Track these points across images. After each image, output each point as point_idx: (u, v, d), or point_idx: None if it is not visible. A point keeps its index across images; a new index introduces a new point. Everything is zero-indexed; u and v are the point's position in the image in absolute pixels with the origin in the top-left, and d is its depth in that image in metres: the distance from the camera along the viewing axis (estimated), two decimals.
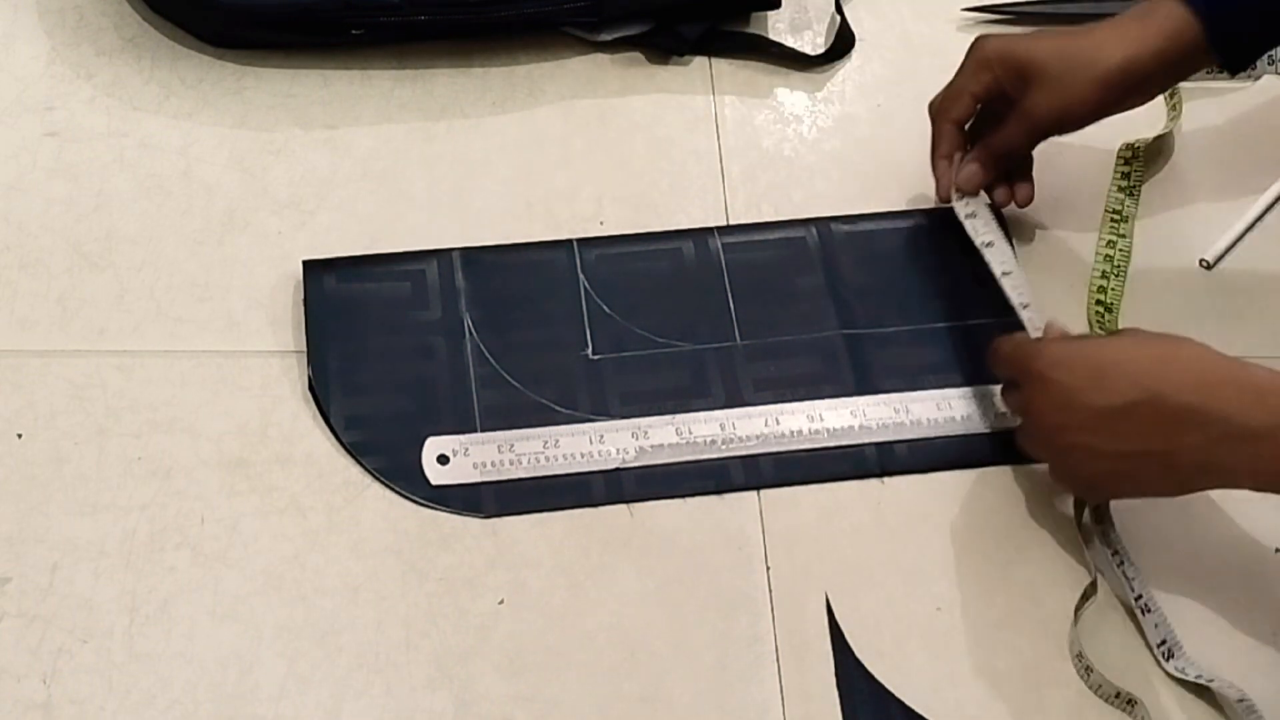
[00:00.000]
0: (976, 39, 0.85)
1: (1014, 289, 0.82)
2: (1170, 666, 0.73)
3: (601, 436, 0.79)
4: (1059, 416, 0.71)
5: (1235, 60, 0.80)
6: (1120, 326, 0.86)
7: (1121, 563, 0.76)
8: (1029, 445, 0.76)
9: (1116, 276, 0.88)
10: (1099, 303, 0.87)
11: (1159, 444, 0.68)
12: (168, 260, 0.85)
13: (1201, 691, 0.73)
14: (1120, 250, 0.89)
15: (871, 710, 0.72)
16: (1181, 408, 0.67)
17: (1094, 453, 0.71)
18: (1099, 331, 0.86)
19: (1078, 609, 0.75)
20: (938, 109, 0.87)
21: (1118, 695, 0.72)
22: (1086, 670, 0.73)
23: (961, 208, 0.86)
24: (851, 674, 0.73)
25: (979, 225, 0.85)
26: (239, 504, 0.76)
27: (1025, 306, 0.81)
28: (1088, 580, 0.76)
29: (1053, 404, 0.72)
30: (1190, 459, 0.68)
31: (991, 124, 0.86)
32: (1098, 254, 0.89)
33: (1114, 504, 0.78)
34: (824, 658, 0.74)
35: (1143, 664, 0.75)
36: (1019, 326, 0.86)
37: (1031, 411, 0.74)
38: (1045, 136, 0.85)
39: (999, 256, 0.84)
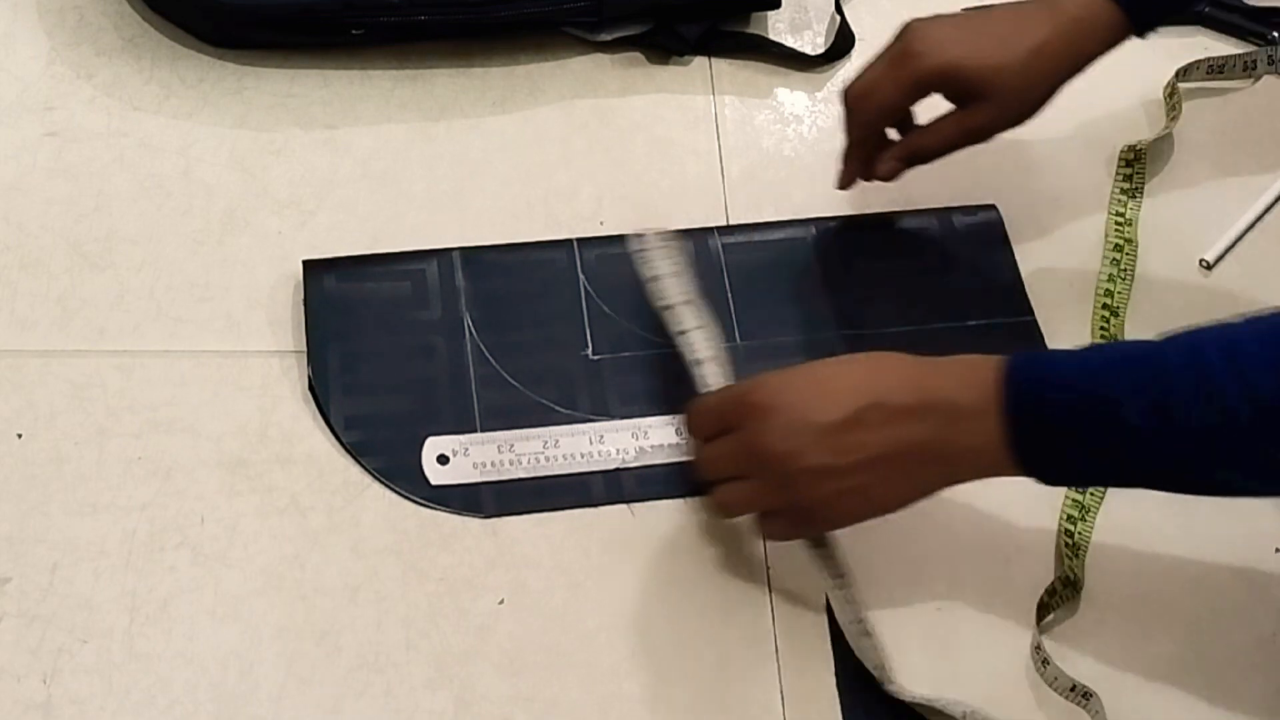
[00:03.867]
0: (908, 32, 0.80)
1: (700, 343, 0.78)
2: (890, 690, 0.72)
3: (601, 436, 0.79)
4: (790, 442, 0.68)
5: (1146, 30, 0.80)
6: (1125, 330, 0.86)
7: (844, 586, 0.73)
8: (752, 495, 0.71)
9: (1123, 280, 0.88)
10: (1105, 306, 0.87)
11: (890, 444, 0.67)
12: (168, 260, 0.85)
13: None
14: (1127, 255, 0.89)
15: (870, 711, 0.72)
16: (903, 404, 0.67)
17: (829, 471, 0.68)
18: (1102, 336, 0.86)
19: (1044, 604, 0.75)
20: (864, 112, 0.82)
21: (1073, 688, 0.72)
22: (1043, 663, 0.73)
23: (646, 270, 0.81)
24: (851, 674, 0.73)
25: (665, 287, 0.80)
26: (239, 504, 0.76)
27: (700, 363, 0.77)
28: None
29: (782, 430, 0.68)
30: (920, 453, 0.67)
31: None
32: (1104, 257, 0.89)
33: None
34: (824, 658, 0.74)
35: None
36: (1023, 327, 0.86)
37: (758, 448, 0.69)
38: (973, 143, 0.84)
39: (685, 315, 0.79)
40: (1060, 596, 0.76)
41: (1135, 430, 0.62)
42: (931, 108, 0.82)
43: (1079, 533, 0.78)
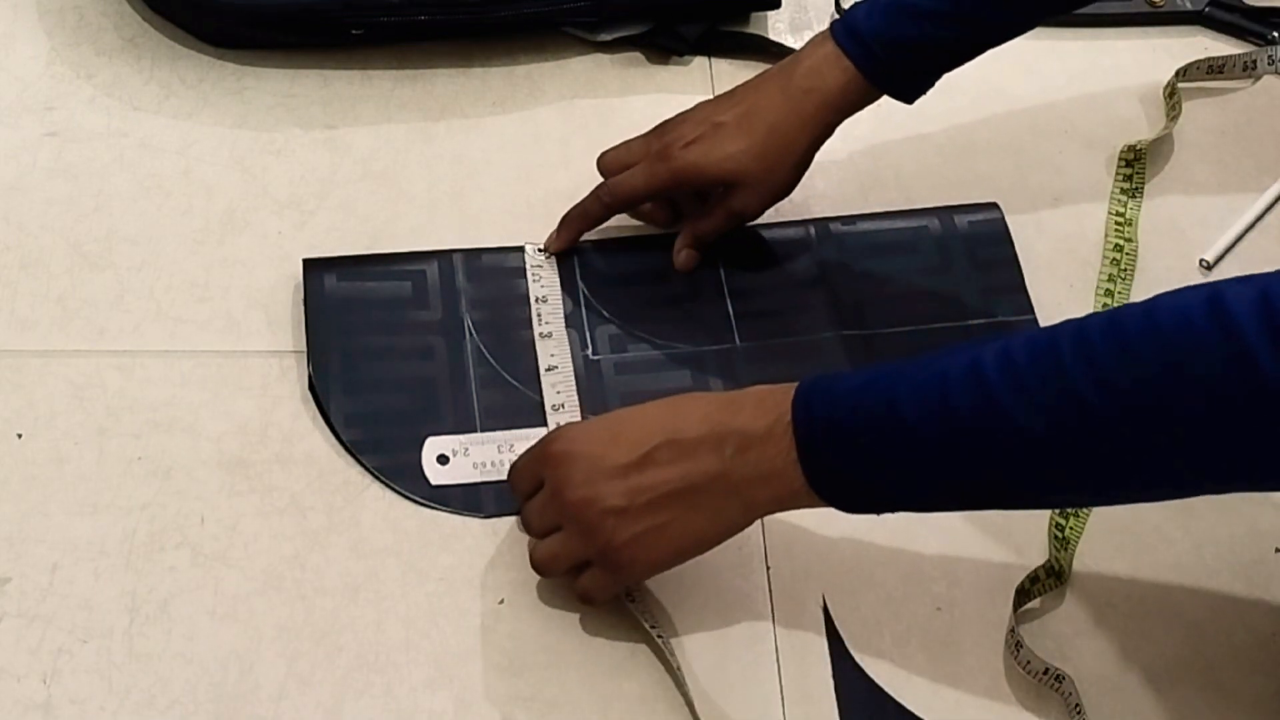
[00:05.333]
0: (660, 133, 0.84)
1: (553, 386, 0.81)
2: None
3: None
4: (586, 489, 0.68)
5: (910, 97, 0.82)
6: None
7: (663, 635, 0.72)
8: (560, 548, 0.71)
9: (1124, 280, 0.88)
10: (1105, 306, 0.87)
11: (683, 480, 0.67)
12: (168, 260, 0.85)
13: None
14: (1127, 255, 0.89)
15: (867, 712, 0.72)
16: (696, 438, 0.67)
17: (626, 514, 0.68)
18: None
19: (1024, 591, 0.75)
20: (613, 191, 0.85)
21: (1045, 671, 0.72)
22: (1016, 646, 0.73)
23: (536, 288, 0.84)
24: (848, 676, 0.73)
25: (545, 311, 0.83)
26: (239, 504, 0.76)
27: (557, 409, 0.80)
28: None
29: (578, 477, 0.69)
30: (714, 485, 0.67)
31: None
32: (1105, 257, 0.89)
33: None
34: (824, 658, 0.74)
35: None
36: (1024, 327, 0.86)
37: (560, 499, 0.69)
38: (738, 225, 0.86)
39: (548, 349, 0.82)
40: (1043, 585, 0.76)
41: (913, 435, 0.62)
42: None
43: (1070, 527, 0.78)
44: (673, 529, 0.68)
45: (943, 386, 0.61)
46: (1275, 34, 1.01)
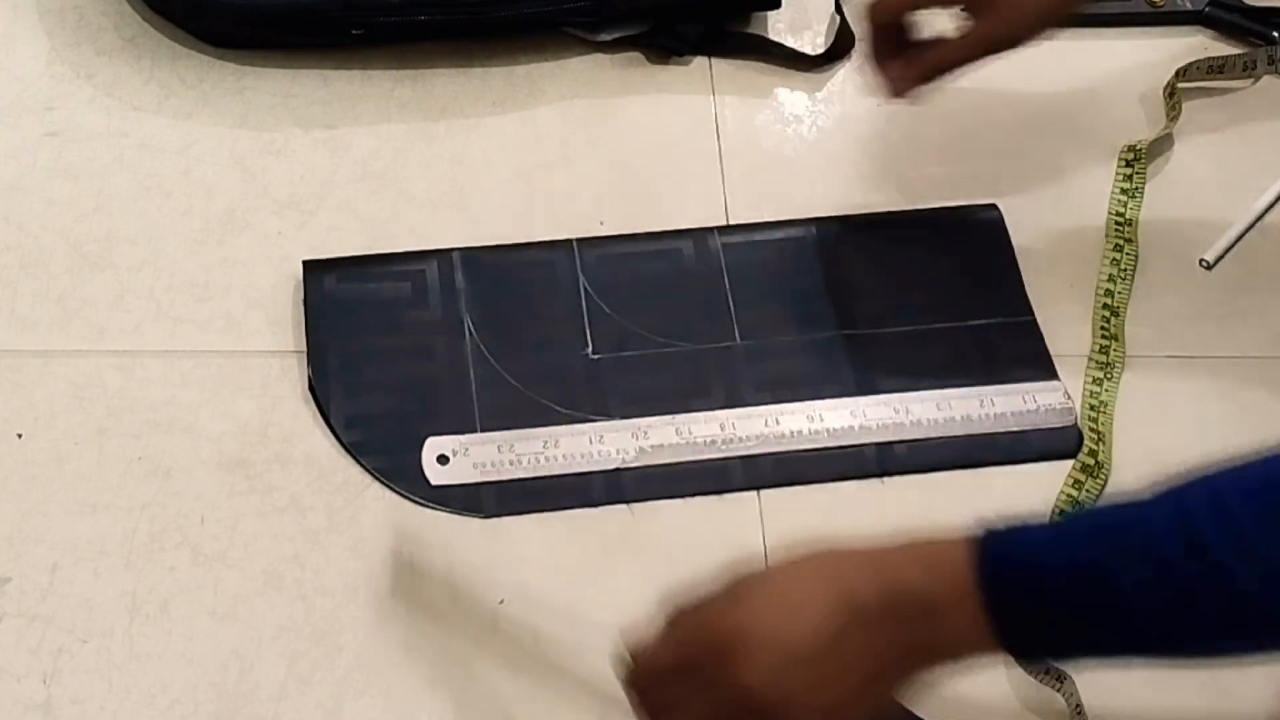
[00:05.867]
0: None
1: None
2: None
3: (601, 437, 0.79)
4: (782, 684, 0.58)
5: None
6: (1125, 329, 0.86)
7: None
8: None
9: (1124, 280, 0.88)
10: (1105, 306, 0.87)
11: (875, 658, 0.60)
12: (168, 260, 0.85)
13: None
14: (1128, 255, 0.89)
15: None
16: (877, 610, 0.59)
17: (821, 687, 0.59)
18: (1102, 336, 0.86)
19: None
20: (880, 8, 0.83)
21: (1046, 671, 0.72)
22: None
23: None
24: None
25: None
26: (239, 504, 0.76)
27: None
28: None
29: (764, 658, 0.58)
30: (906, 660, 0.60)
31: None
32: (1105, 257, 0.89)
33: None
34: None
35: None
36: (1023, 327, 0.86)
37: (741, 685, 0.58)
38: (995, 54, 0.82)
39: None
40: None
41: (1133, 611, 0.56)
42: None
43: None
44: (861, 704, 0.61)
45: (1154, 548, 0.56)
46: (1275, 34, 1.01)
